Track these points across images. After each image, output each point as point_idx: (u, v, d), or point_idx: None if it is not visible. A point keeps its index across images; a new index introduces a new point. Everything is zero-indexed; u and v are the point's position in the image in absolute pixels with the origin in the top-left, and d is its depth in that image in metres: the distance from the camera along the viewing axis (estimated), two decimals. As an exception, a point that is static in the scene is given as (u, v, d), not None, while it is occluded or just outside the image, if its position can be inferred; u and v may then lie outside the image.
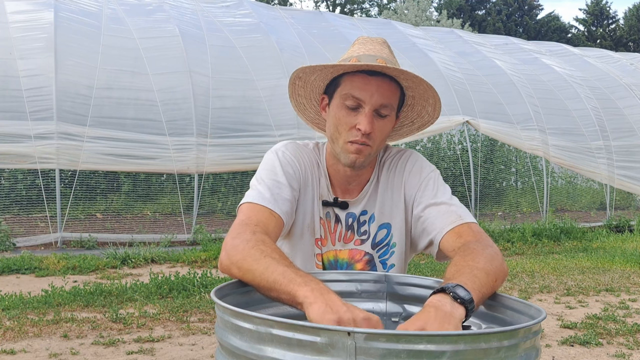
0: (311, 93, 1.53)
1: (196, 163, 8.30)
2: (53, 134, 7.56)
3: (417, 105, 1.51)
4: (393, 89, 1.41)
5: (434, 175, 1.48)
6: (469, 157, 10.57)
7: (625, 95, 12.78)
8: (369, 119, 1.38)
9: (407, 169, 1.50)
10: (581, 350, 3.90)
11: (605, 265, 7.15)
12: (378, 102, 1.38)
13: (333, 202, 1.50)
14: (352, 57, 1.42)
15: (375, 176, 1.52)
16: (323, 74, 1.45)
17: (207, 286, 5.29)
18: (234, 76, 9.07)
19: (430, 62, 11.09)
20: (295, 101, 1.57)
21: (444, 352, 0.81)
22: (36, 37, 8.19)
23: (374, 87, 1.38)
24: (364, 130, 1.37)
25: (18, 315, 4.35)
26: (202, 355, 3.63)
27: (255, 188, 1.39)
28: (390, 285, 1.33)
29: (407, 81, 1.41)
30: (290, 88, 1.53)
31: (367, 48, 1.43)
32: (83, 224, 8.41)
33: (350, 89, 1.39)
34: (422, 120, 1.55)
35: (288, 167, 1.44)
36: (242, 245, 1.20)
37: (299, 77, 1.48)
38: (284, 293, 1.06)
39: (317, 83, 1.49)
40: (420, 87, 1.43)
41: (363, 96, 1.38)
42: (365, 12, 36.71)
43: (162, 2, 9.98)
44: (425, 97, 1.47)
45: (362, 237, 1.51)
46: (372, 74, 1.38)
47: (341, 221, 1.51)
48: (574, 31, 37.93)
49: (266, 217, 1.33)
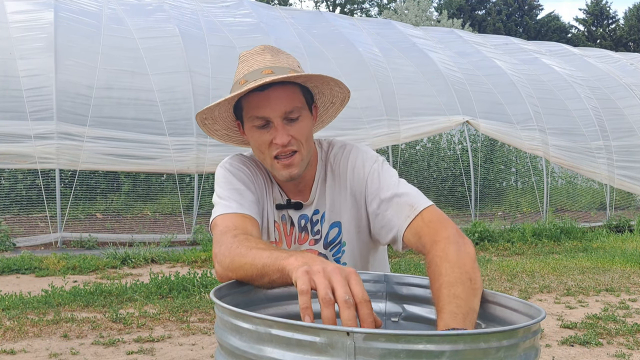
0: (225, 124, 1.54)
1: (196, 163, 8.30)
2: (53, 134, 7.57)
3: (324, 89, 1.49)
4: (291, 92, 1.40)
5: (377, 166, 1.46)
6: (469, 157, 10.58)
7: (625, 95, 12.79)
8: (281, 130, 1.38)
9: (349, 165, 1.49)
10: (581, 350, 3.90)
11: (605, 265, 7.15)
12: (282, 111, 1.38)
13: (287, 205, 1.52)
14: (240, 79, 1.41)
15: (321, 174, 1.52)
16: (224, 107, 1.46)
17: (207, 286, 5.29)
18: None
19: (430, 62, 11.09)
20: (218, 136, 1.58)
21: (443, 352, 0.81)
22: (36, 37, 8.20)
23: (272, 100, 1.38)
24: (281, 143, 1.38)
25: (18, 315, 4.35)
26: (202, 355, 3.64)
27: (219, 204, 1.40)
28: (390, 285, 1.33)
29: (297, 79, 1.40)
30: (204, 128, 1.54)
31: (249, 64, 1.43)
32: (83, 224, 8.42)
33: (251, 110, 1.40)
34: (339, 97, 1.53)
35: (240, 174, 1.46)
36: (227, 249, 1.22)
37: (205, 118, 1.49)
38: (274, 273, 1.06)
39: (224, 115, 1.50)
40: (312, 78, 1.41)
41: (265, 113, 1.38)
42: (365, 12, 36.72)
43: (162, 2, 9.98)
44: (325, 82, 1.45)
45: (316, 236, 1.52)
46: (265, 88, 1.38)
47: (295, 224, 1.52)
48: (574, 31, 37.95)
49: (241, 220, 1.35)
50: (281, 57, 1.45)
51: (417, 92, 10.37)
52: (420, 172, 11.14)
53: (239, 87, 1.39)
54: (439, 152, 11.43)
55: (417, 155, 11.37)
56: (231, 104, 1.46)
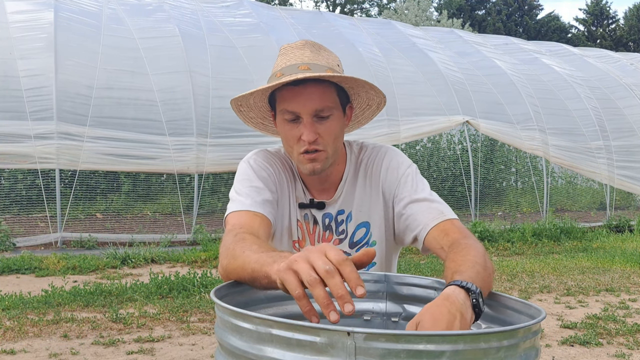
0: (261, 113, 1.55)
1: (196, 163, 8.30)
2: (53, 134, 7.57)
3: (360, 92, 1.50)
4: (325, 90, 1.41)
5: (412, 171, 1.49)
6: (469, 157, 10.58)
7: (625, 95, 12.79)
8: (309, 127, 1.39)
9: (384, 166, 1.50)
10: (581, 350, 3.90)
11: (605, 265, 7.15)
12: (313, 109, 1.39)
13: (309, 204, 1.52)
14: (277, 71, 1.42)
15: (349, 174, 1.53)
16: (258, 96, 1.47)
17: (207, 286, 5.29)
18: (234, 76, 9.07)
19: (430, 62, 11.09)
20: (253, 124, 1.59)
21: (444, 352, 0.81)
22: (36, 37, 8.20)
23: (304, 96, 1.38)
24: (307, 140, 1.39)
25: (18, 315, 4.35)
26: (202, 355, 3.64)
27: (235, 199, 1.41)
28: (390, 285, 1.33)
29: (331, 79, 1.41)
30: (240, 115, 1.54)
31: (288, 58, 1.43)
32: (83, 224, 8.42)
33: (284, 104, 1.41)
34: (375, 101, 1.53)
35: (262, 172, 1.46)
36: (225, 250, 1.23)
37: (240, 105, 1.50)
38: (263, 279, 1.06)
39: (259, 104, 1.51)
40: (347, 80, 1.41)
41: (297, 108, 1.39)
42: (365, 12, 36.72)
43: (162, 2, 9.98)
44: (360, 85, 1.45)
45: (340, 236, 1.52)
46: (299, 83, 1.38)
47: (318, 222, 1.52)
48: (574, 31, 37.95)
49: (250, 218, 1.35)
50: (322, 53, 1.45)
51: (417, 92, 10.37)
52: (420, 172, 11.12)
53: (274, 79, 1.40)
54: (439, 152, 11.43)
55: (417, 155, 11.37)
56: (266, 95, 1.47)
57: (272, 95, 1.47)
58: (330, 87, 1.42)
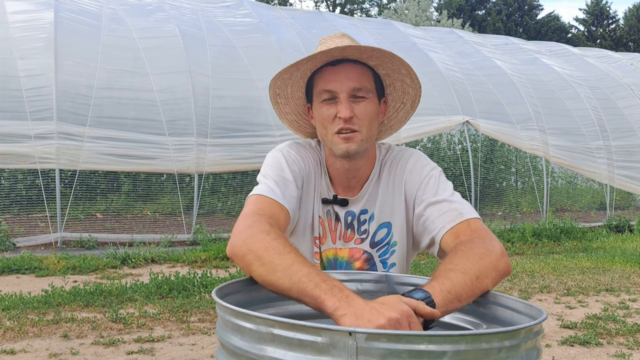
0: (296, 107, 1.56)
1: (196, 163, 8.30)
2: (53, 134, 7.57)
3: (396, 81, 1.51)
4: (362, 71, 1.43)
5: (435, 173, 1.48)
6: (469, 157, 10.58)
7: (625, 95, 12.78)
8: (346, 104, 1.40)
9: (407, 167, 1.51)
10: (581, 350, 3.90)
11: (605, 265, 7.15)
12: (350, 87, 1.41)
13: (333, 200, 1.51)
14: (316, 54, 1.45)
15: (376, 174, 1.53)
16: (296, 83, 1.48)
17: (207, 286, 5.29)
18: (234, 76, 9.07)
19: (430, 62, 11.09)
20: (287, 121, 1.60)
21: (445, 352, 0.81)
22: (36, 37, 8.19)
23: (342, 74, 1.41)
24: (344, 117, 1.39)
25: (18, 315, 4.35)
26: (202, 355, 3.63)
27: (264, 183, 1.40)
28: (391, 285, 1.33)
29: (372, 59, 1.43)
30: (276, 108, 1.56)
31: (326, 45, 1.45)
32: (83, 224, 8.41)
33: (321, 84, 1.43)
34: (410, 96, 1.55)
35: (294, 165, 1.46)
36: (260, 235, 1.18)
37: (278, 95, 1.51)
38: (307, 296, 1.03)
39: (296, 94, 1.52)
40: (386, 60, 1.43)
41: (334, 86, 1.41)
42: (365, 12, 36.71)
43: (162, 2, 9.98)
44: (397, 69, 1.47)
45: (362, 236, 1.52)
46: (337, 63, 1.41)
47: (341, 219, 1.52)
48: (574, 31, 37.94)
49: (277, 210, 1.34)
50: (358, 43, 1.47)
51: (417, 92, 10.35)
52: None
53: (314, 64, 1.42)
54: (439, 152, 11.42)
55: (417, 155, 11.35)
56: (304, 79, 1.48)
57: (309, 86, 1.48)
58: (368, 70, 1.44)
